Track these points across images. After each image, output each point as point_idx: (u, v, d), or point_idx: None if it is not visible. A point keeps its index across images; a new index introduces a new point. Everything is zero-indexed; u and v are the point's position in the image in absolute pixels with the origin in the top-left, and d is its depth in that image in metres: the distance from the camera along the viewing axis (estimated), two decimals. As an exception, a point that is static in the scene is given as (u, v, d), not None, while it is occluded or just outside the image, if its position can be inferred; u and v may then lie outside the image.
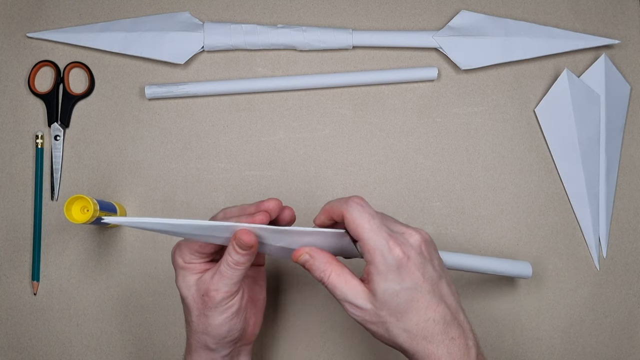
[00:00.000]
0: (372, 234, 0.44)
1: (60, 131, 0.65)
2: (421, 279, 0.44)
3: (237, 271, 0.47)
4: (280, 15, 0.68)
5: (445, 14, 0.68)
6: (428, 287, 0.44)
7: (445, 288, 0.46)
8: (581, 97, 0.65)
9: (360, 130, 0.66)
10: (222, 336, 0.49)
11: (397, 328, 0.44)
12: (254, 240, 0.46)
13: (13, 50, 0.67)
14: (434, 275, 0.45)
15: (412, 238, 0.45)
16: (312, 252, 0.47)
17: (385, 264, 0.43)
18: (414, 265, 0.44)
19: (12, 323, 0.63)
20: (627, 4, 0.69)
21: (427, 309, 0.44)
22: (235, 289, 0.48)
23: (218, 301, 0.47)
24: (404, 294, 0.44)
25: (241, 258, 0.47)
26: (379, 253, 0.44)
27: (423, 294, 0.44)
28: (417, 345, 0.44)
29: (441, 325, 0.44)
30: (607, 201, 0.64)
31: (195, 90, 0.65)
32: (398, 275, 0.44)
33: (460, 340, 0.44)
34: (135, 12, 0.68)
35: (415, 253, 0.44)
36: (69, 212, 0.57)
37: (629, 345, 0.63)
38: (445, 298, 0.45)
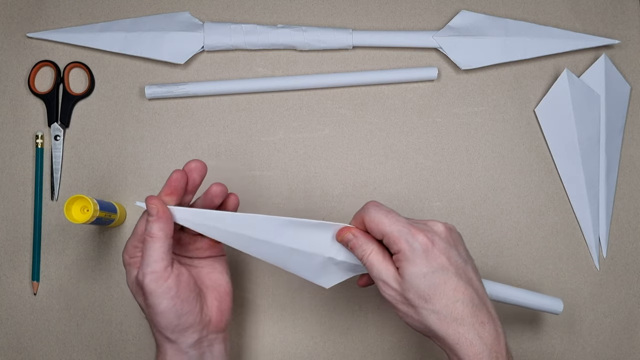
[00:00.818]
0: (393, 225, 0.46)
1: (60, 131, 0.65)
2: (447, 262, 0.46)
3: (155, 243, 0.47)
4: (280, 15, 0.68)
5: (445, 14, 0.68)
6: (454, 270, 0.46)
7: (472, 273, 0.47)
8: (581, 97, 0.65)
9: (360, 130, 0.66)
10: (173, 323, 0.48)
11: (426, 310, 0.45)
12: (159, 202, 0.47)
13: (13, 50, 0.67)
14: (459, 260, 0.47)
15: (435, 226, 0.48)
16: (355, 232, 0.49)
17: (412, 250, 0.45)
18: (439, 250, 0.46)
19: (12, 323, 0.63)
20: (627, 4, 0.69)
21: (455, 291, 0.45)
22: (159, 267, 0.47)
23: (147, 284, 0.47)
24: (431, 276, 0.45)
25: (152, 227, 0.47)
26: (404, 240, 0.46)
27: (450, 276, 0.45)
28: (447, 327, 0.45)
29: (470, 308, 0.45)
30: (607, 201, 0.64)
31: (195, 90, 0.65)
32: (425, 260, 0.45)
33: (490, 326, 0.45)
34: (135, 12, 0.68)
35: (440, 239, 0.46)
36: (69, 212, 0.57)
37: (629, 345, 0.63)
38: (472, 282, 0.47)
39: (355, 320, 0.62)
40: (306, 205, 0.64)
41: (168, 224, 0.48)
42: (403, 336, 0.62)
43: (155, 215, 0.47)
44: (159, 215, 0.47)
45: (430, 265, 0.45)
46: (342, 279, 0.52)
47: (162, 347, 0.50)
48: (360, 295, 0.63)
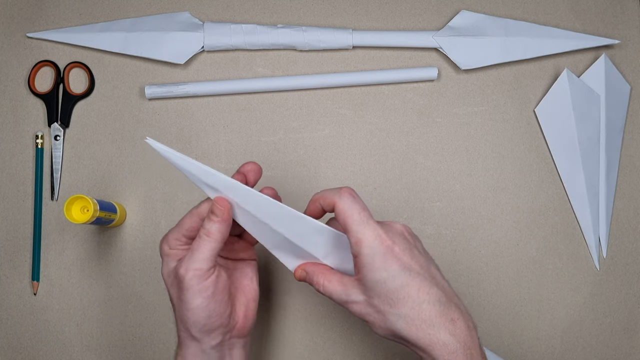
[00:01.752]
0: (362, 226, 0.45)
1: (60, 131, 0.65)
2: (409, 262, 0.45)
3: (208, 243, 0.47)
4: (280, 15, 0.68)
5: (445, 14, 0.68)
6: (417, 269, 0.45)
7: (435, 272, 0.46)
8: (581, 97, 0.65)
9: (360, 130, 0.66)
10: (201, 322, 0.48)
11: (393, 315, 0.44)
12: (227, 205, 0.47)
13: (13, 50, 0.67)
14: (421, 259, 0.46)
15: (394, 226, 0.46)
16: (306, 268, 0.50)
17: (372, 253, 0.44)
18: (401, 250, 0.45)
19: (12, 323, 0.63)
20: (627, 4, 0.69)
21: (420, 292, 0.44)
22: (205, 266, 0.47)
23: (188, 280, 0.46)
24: (393, 280, 0.44)
25: (213, 226, 0.47)
26: (367, 244, 0.44)
27: (413, 277, 0.44)
28: (417, 330, 0.44)
29: (437, 307, 0.44)
30: (607, 201, 0.64)
31: (195, 90, 0.65)
32: (385, 262, 0.44)
33: (461, 322, 0.44)
34: (135, 12, 0.68)
35: (401, 238, 0.45)
36: (69, 212, 0.57)
37: (629, 345, 0.63)
38: (437, 280, 0.45)
39: (355, 320, 0.62)
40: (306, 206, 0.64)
41: (227, 228, 0.48)
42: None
43: (221, 217, 0.47)
44: (223, 218, 0.47)
45: (390, 267, 0.44)
46: None
47: (184, 344, 0.49)
48: (360, 295, 0.63)
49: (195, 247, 0.47)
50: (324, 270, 0.49)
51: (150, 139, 0.46)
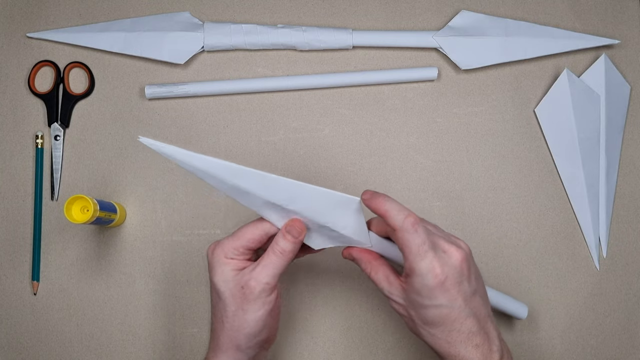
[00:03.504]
0: (418, 258, 0.46)
1: (60, 131, 0.65)
2: (455, 297, 0.46)
3: (281, 260, 0.49)
4: (280, 15, 0.68)
5: (445, 14, 0.68)
6: (460, 304, 0.46)
7: (477, 301, 0.48)
8: (581, 97, 0.65)
9: (360, 130, 0.66)
10: (255, 334, 0.49)
11: (423, 329, 0.48)
12: (303, 227, 0.49)
13: (13, 50, 0.67)
14: (468, 292, 0.47)
15: (453, 258, 0.47)
16: (353, 253, 0.52)
17: (422, 284, 0.46)
18: (451, 284, 0.46)
19: (12, 323, 0.63)
20: (627, 4, 0.69)
21: (454, 323, 0.47)
22: (274, 281, 0.49)
23: (258, 292, 0.48)
24: (434, 309, 0.46)
25: (288, 245, 0.49)
26: (419, 274, 0.46)
27: (453, 310, 0.46)
28: (439, 346, 0.47)
29: (465, 335, 0.47)
30: (607, 201, 0.64)
31: (195, 90, 0.65)
32: (431, 294, 0.46)
33: (484, 347, 0.47)
34: (135, 12, 0.68)
35: (454, 272, 0.46)
36: (69, 212, 0.57)
37: (629, 345, 0.63)
38: (476, 310, 0.47)
39: (355, 320, 0.62)
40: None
41: (299, 246, 0.50)
42: (403, 336, 0.62)
43: (298, 238, 0.49)
44: (300, 239, 0.49)
45: (436, 299, 0.46)
46: (332, 245, 0.52)
47: (224, 352, 0.50)
48: (360, 294, 0.63)
49: (267, 262, 0.49)
50: (371, 259, 0.51)
51: (143, 138, 0.45)
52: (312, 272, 0.63)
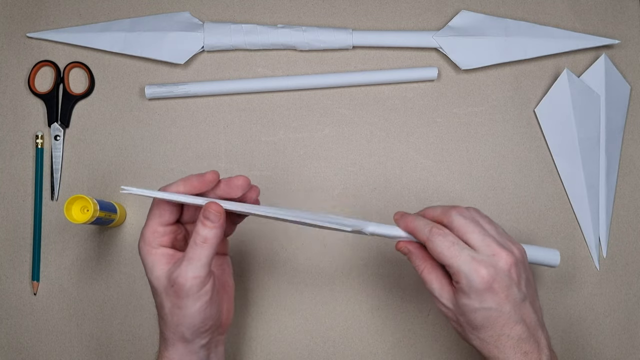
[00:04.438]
0: (454, 260, 0.46)
1: (60, 131, 0.65)
2: (504, 301, 0.46)
3: (205, 250, 0.46)
4: (280, 15, 0.68)
5: (445, 14, 0.68)
6: (509, 309, 0.46)
7: (528, 308, 0.48)
8: (581, 97, 0.65)
9: (360, 130, 0.66)
10: (197, 326, 0.48)
11: (472, 334, 0.48)
12: (221, 209, 0.47)
13: (13, 50, 0.67)
14: (517, 297, 0.47)
15: (501, 261, 0.47)
16: (410, 247, 0.51)
17: (469, 285, 0.46)
18: (499, 288, 0.46)
19: (12, 323, 0.63)
20: (627, 4, 0.69)
21: (504, 327, 0.47)
22: (203, 273, 0.47)
23: (188, 288, 0.46)
24: (483, 312, 0.46)
25: (209, 232, 0.46)
26: (464, 275, 0.46)
27: (502, 314, 0.46)
28: (488, 351, 0.47)
29: (514, 341, 0.47)
30: (607, 201, 0.64)
31: (195, 90, 0.65)
32: (480, 296, 0.46)
33: (533, 355, 0.47)
34: (135, 12, 0.68)
35: (503, 276, 0.46)
36: (69, 212, 0.57)
37: (629, 345, 0.63)
38: (525, 317, 0.47)
39: (355, 320, 0.62)
40: (306, 205, 0.64)
41: (222, 231, 0.48)
42: (403, 336, 0.62)
43: (217, 223, 0.47)
44: (220, 223, 0.47)
45: (484, 302, 0.46)
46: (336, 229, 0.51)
47: (171, 345, 0.49)
48: (360, 294, 0.63)
49: (192, 255, 0.47)
50: (427, 257, 0.50)
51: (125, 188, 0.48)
52: (312, 272, 0.63)
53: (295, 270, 0.63)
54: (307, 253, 0.63)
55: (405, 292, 0.63)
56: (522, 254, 0.49)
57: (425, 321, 0.62)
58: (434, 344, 0.62)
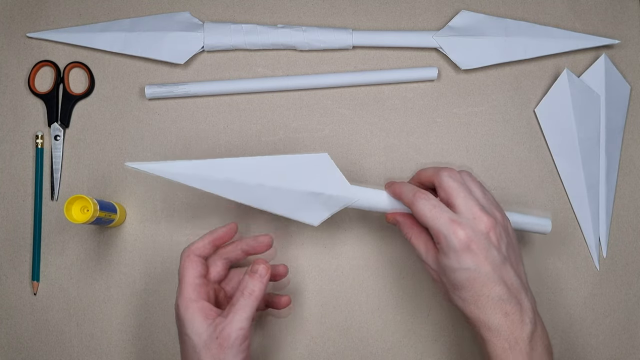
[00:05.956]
0: (435, 221, 0.49)
1: (60, 131, 0.65)
2: (482, 261, 0.48)
3: (251, 301, 0.49)
4: (280, 15, 0.68)
5: (445, 14, 0.68)
6: (488, 269, 0.48)
7: (508, 270, 0.49)
8: (581, 97, 0.65)
9: (360, 130, 0.66)
10: None
11: (454, 294, 0.50)
12: (268, 267, 0.52)
13: (13, 50, 0.67)
14: (497, 259, 0.49)
15: (481, 224, 0.49)
16: (397, 217, 0.55)
17: (448, 246, 0.48)
18: (478, 248, 0.48)
19: (12, 323, 0.63)
20: (627, 4, 0.69)
21: (483, 287, 0.48)
22: (248, 325, 0.49)
23: (233, 340, 0.48)
24: (462, 272, 0.48)
25: (256, 285, 0.50)
26: (443, 236, 0.49)
27: (480, 274, 0.48)
28: (469, 311, 0.49)
29: (494, 301, 0.48)
30: (607, 201, 0.64)
31: (195, 90, 0.65)
32: (458, 256, 0.48)
33: (515, 316, 0.48)
34: (135, 12, 0.68)
35: (481, 237, 0.48)
36: (69, 212, 0.57)
37: (629, 345, 0.63)
38: (506, 279, 0.49)
39: (355, 320, 0.62)
40: (306, 205, 0.64)
41: (265, 288, 0.51)
42: (403, 336, 0.62)
43: (265, 277, 0.50)
44: (267, 277, 0.51)
45: (463, 262, 0.48)
46: (329, 214, 0.55)
47: None
48: (360, 294, 0.63)
49: (238, 307, 0.49)
50: (413, 224, 0.54)
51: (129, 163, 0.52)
52: (312, 273, 0.63)
53: (295, 270, 0.63)
54: (307, 253, 0.63)
55: (405, 292, 0.63)
56: (505, 220, 0.51)
57: (425, 321, 0.62)
58: (434, 344, 0.62)
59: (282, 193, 0.54)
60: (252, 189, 0.53)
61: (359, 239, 0.63)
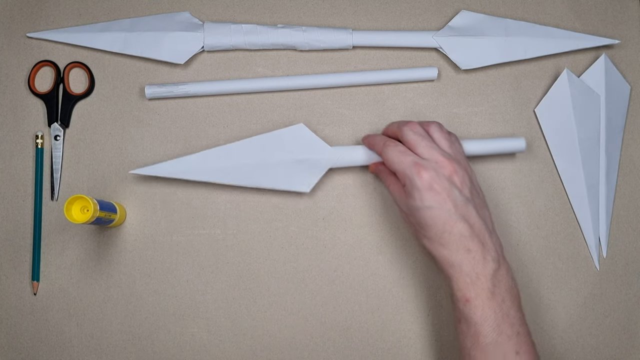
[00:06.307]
0: (400, 165, 0.54)
1: (60, 131, 0.65)
2: (445, 200, 0.52)
3: None
4: (280, 15, 0.68)
5: (445, 14, 0.68)
6: (449, 207, 0.52)
7: (471, 210, 0.52)
8: (581, 97, 0.65)
9: (360, 130, 0.66)
10: None
11: (420, 233, 0.54)
12: None
13: (13, 50, 0.67)
14: (459, 199, 0.52)
15: (444, 169, 0.53)
16: (379, 167, 0.61)
17: (412, 186, 0.53)
18: (440, 188, 0.52)
19: (12, 323, 0.63)
20: (627, 4, 0.69)
21: (445, 224, 0.52)
22: None
23: None
24: (426, 211, 0.52)
25: None
26: (407, 178, 0.53)
27: (442, 212, 0.51)
28: (434, 249, 0.53)
29: (457, 237, 0.51)
30: (607, 201, 0.64)
31: (195, 90, 0.65)
32: (421, 195, 0.52)
33: (477, 254, 0.51)
34: (135, 12, 0.68)
35: (443, 179, 0.52)
36: (69, 212, 0.57)
37: (629, 345, 0.63)
38: (469, 218, 0.52)
39: (355, 320, 0.62)
40: (306, 205, 0.64)
41: None
42: (403, 336, 0.62)
43: None
44: None
45: (425, 201, 0.52)
46: (317, 178, 0.61)
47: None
48: (361, 294, 0.63)
49: None
50: (389, 173, 0.59)
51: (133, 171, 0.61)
52: (312, 273, 0.63)
53: (295, 270, 0.63)
54: (307, 253, 0.63)
55: (405, 292, 0.63)
56: (470, 169, 0.56)
57: (425, 321, 0.62)
58: (434, 344, 0.62)
59: (270, 167, 0.61)
60: (242, 169, 0.61)
61: (358, 239, 0.63)
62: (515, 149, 0.63)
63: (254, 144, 0.62)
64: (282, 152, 0.61)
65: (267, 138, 0.62)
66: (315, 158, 0.61)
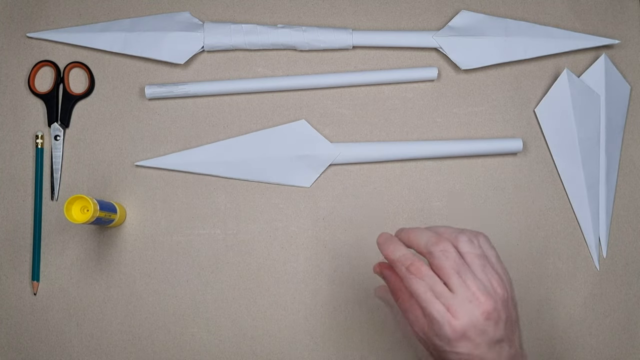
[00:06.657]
0: (428, 306, 0.45)
1: (60, 131, 0.65)
2: (478, 346, 0.45)
3: None
4: (280, 15, 0.68)
5: (445, 14, 0.68)
6: (483, 350, 0.45)
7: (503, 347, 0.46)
8: (581, 97, 0.65)
9: (360, 130, 0.66)
10: None
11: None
12: None
13: (13, 50, 0.67)
14: (493, 339, 0.45)
15: (479, 308, 0.45)
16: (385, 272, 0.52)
17: (441, 332, 0.45)
18: (473, 334, 0.44)
19: (12, 323, 0.63)
20: (627, 4, 0.69)
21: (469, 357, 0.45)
22: None
23: None
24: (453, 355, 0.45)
25: None
26: (437, 323, 0.45)
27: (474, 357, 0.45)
28: None
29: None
30: (607, 201, 0.64)
31: (195, 90, 0.65)
32: (451, 343, 0.45)
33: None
34: (135, 12, 0.68)
35: (477, 324, 0.44)
36: (69, 212, 0.57)
37: (629, 345, 0.63)
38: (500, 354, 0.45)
39: (355, 320, 0.62)
40: (306, 205, 0.64)
41: None
42: (403, 336, 0.62)
43: None
44: None
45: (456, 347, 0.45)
46: (317, 174, 0.63)
47: None
48: (361, 294, 0.63)
49: None
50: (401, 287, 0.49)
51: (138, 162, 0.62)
52: (312, 273, 0.63)
53: (295, 270, 0.63)
54: (307, 253, 0.63)
55: (405, 292, 0.63)
56: (506, 291, 0.46)
57: (425, 321, 0.62)
58: (434, 344, 0.62)
59: (272, 162, 0.63)
60: (244, 163, 0.63)
61: (358, 239, 0.63)
62: (512, 149, 0.63)
63: (257, 139, 0.63)
64: (284, 147, 0.63)
65: (269, 133, 0.64)
66: (316, 154, 0.63)
